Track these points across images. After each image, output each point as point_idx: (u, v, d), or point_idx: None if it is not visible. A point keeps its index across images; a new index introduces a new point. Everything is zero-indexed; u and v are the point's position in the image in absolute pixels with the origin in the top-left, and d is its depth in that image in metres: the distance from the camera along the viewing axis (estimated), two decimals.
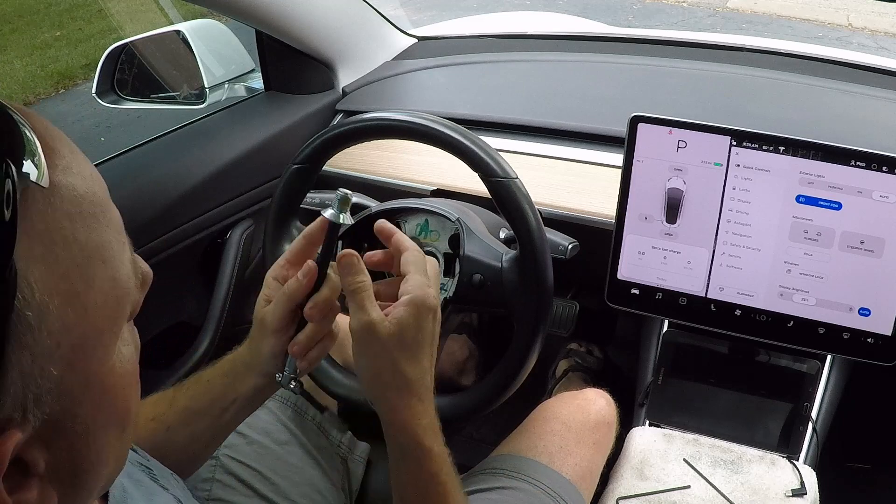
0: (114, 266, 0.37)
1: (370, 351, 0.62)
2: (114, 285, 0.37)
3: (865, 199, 0.92)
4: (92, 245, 0.36)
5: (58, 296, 0.34)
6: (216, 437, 0.73)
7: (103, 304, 0.36)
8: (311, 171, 0.90)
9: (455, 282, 0.89)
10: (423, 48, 1.53)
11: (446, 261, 0.94)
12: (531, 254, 0.82)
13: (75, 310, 0.35)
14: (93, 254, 0.36)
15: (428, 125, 0.84)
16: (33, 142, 0.35)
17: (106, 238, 0.37)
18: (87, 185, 0.37)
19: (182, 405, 0.71)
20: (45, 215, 0.34)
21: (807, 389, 1.05)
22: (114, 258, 0.37)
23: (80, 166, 0.37)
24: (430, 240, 0.94)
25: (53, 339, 0.33)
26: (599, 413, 0.98)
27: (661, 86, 1.32)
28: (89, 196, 0.37)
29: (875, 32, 4.94)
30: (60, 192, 0.35)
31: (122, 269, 0.38)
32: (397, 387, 0.63)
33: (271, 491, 0.88)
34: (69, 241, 0.35)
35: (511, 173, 0.82)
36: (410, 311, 0.63)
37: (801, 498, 0.95)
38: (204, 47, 1.34)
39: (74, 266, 0.35)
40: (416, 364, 0.63)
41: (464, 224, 0.89)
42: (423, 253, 0.68)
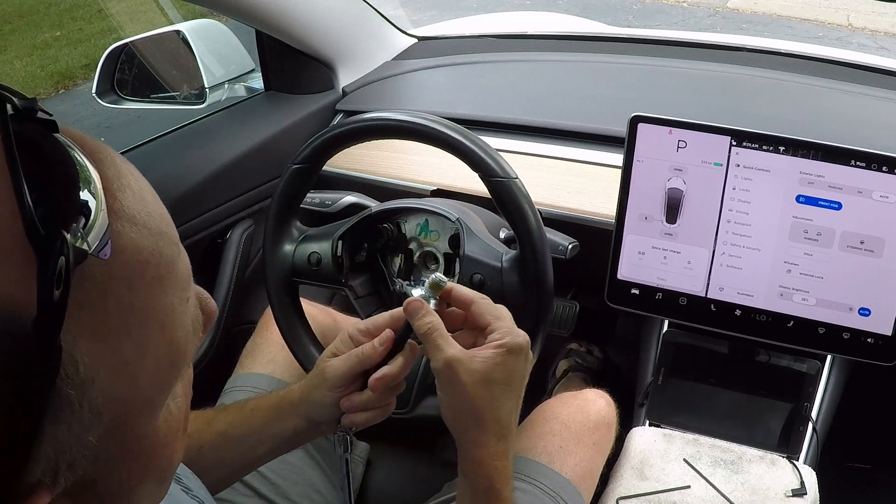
0: (172, 329, 0.33)
1: (454, 388, 0.62)
2: (170, 350, 0.33)
3: (865, 199, 0.92)
4: (151, 311, 0.32)
5: (105, 369, 0.30)
6: (244, 468, 0.73)
7: (156, 369, 0.33)
8: (312, 171, 0.90)
9: (455, 282, 0.89)
10: (423, 48, 1.53)
11: (446, 261, 0.94)
12: (531, 254, 0.82)
13: (123, 380, 0.31)
14: (151, 320, 0.32)
15: (428, 125, 0.83)
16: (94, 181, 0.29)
17: (168, 301, 0.33)
18: (153, 241, 0.32)
19: (219, 429, 0.71)
20: (101, 287, 0.29)
21: (807, 389, 1.05)
22: (174, 322, 0.33)
23: (146, 214, 0.32)
24: (430, 240, 0.94)
25: (95, 411, 0.30)
26: (599, 413, 0.98)
27: (661, 86, 1.32)
28: (155, 258, 0.32)
29: (875, 32, 4.94)
30: (122, 257, 0.30)
31: (180, 330, 0.34)
32: (479, 424, 0.62)
33: (271, 491, 0.88)
34: (126, 310, 0.31)
35: (511, 173, 0.82)
36: (500, 353, 0.62)
37: (801, 498, 0.95)
38: (204, 47, 1.34)
39: (129, 337, 0.31)
40: (500, 404, 0.62)
41: (464, 224, 0.89)
42: (489, 300, 0.67)
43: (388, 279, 0.96)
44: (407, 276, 0.95)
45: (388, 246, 0.96)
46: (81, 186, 0.28)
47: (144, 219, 0.32)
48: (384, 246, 0.96)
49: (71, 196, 0.27)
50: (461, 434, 0.64)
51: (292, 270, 0.91)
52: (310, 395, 0.69)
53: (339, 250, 0.90)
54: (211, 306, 0.40)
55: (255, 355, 1.02)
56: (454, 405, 0.63)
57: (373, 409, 0.68)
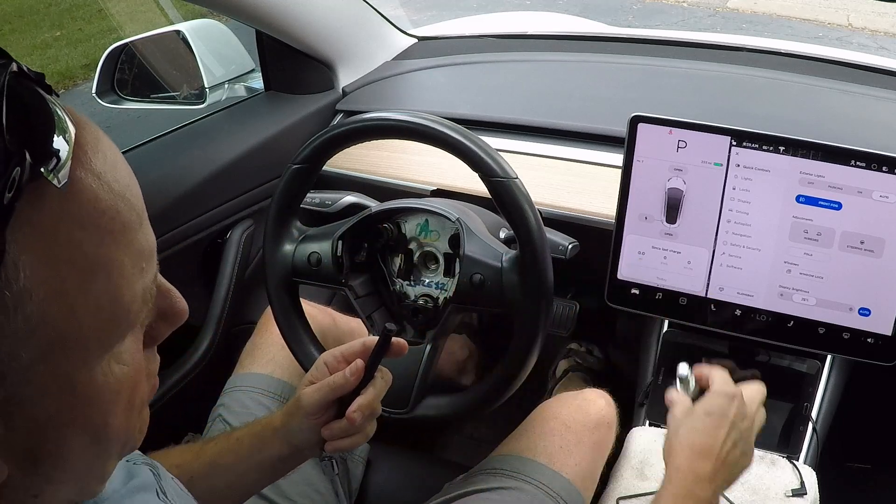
0: (118, 284, 0.37)
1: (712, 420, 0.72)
2: (113, 301, 0.37)
3: (865, 199, 0.92)
4: (99, 258, 0.36)
5: (45, 289, 0.34)
6: (237, 497, 0.74)
7: (95, 313, 0.36)
8: (311, 171, 0.90)
9: (455, 282, 0.89)
10: (423, 48, 1.53)
11: (446, 261, 0.94)
12: (531, 254, 0.82)
13: (61, 308, 0.35)
14: (97, 266, 0.36)
15: (428, 125, 0.83)
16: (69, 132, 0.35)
17: (117, 257, 0.37)
18: (113, 200, 0.37)
19: (208, 458, 0.72)
20: (54, 215, 0.34)
21: (807, 389, 1.05)
22: (121, 277, 0.37)
23: (112, 178, 0.37)
24: (430, 240, 0.94)
25: (29, 326, 0.34)
26: (599, 413, 0.98)
27: (661, 86, 1.32)
28: (111, 213, 0.36)
29: (875, 32, 4.94)
30: (79, 197, 0.35)
31: (128, 290, 0.38)
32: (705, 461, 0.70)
33: (270, 490, 0.88)
34: (73, 246, 0.35)
35: (511, 173, 0.82)
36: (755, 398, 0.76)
37: (801, 498, 0.95)
38: (204, 47, 1.34)
39: (73, 270, 0.35)
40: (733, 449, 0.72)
41: (464, 224, 0.88)
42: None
43: (387, 279, 0.96)
44: (407, 276, 0.95)
45: (387, 246, 0.96)
46: (57, 132, 0.34)
47: (109, 180, 0.37)
48: (384, 246, 0.95)
49: (41, 131, 0.34)
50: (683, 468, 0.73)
51: (292, 270, 0.90)
52: (290, 423, 0.72)
53: (339, 250, 0.90)
54: (177, 305, 0.44)
55: (254, 355, 1.02)
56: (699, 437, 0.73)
57: (353, 434, 0.71)
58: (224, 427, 0.93)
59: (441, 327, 0.88)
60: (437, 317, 0.90)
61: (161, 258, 0.83)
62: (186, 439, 1.27)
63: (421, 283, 0.95)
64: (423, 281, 0.94)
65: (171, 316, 0.44)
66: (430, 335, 0.89)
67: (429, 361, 0.87)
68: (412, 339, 0.91)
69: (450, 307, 0.88)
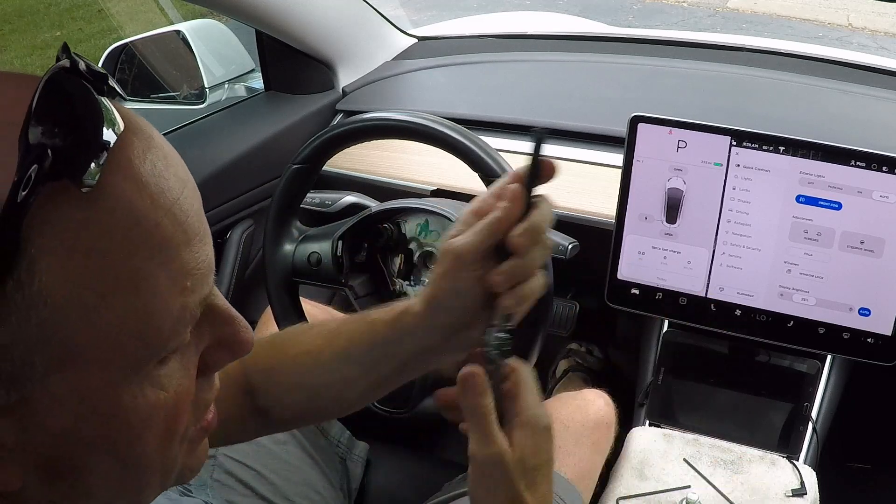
0: (149, 302, 0.35)
1: (491, 482, 0.53)
2: (140, 320, 0.35)
3: (865, 199, 0.92)
4: (128, 272, 0.34)
5: (62, 296, 0.32)
6: (373, 388, 0.62)
7: (119, 330, 0.34)
8: (311, 171, 0.91)
9: None
10: (423, 48, 1.53)
11: None
12: None
13: (78, 319, 0.33)
14: (124, 280, 0.34)
15: (428, 125, 0.84)
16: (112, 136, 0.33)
17: (152, 273, 0.34)
18: (153, 213, 0.34)
19: (341, 345, 0.61)
20: (78, 219, 0.32)
21: (807, 389, 1.05)
22: (154, 295, 0.35)
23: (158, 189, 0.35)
24: (430, 240, 0.95)
25: (43, 332, 0.32)
26: (598, 414, 0.98)
27: (661, 86, 1.32)
28: (148, 225, 0.34)
29: (875, 32, 4.95)
30: (110, 204, 0.33)
31: (162, 309, 0.35)
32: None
33: (269, 491, 0.88)
34: (99, 254, 0.33)
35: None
36: (528, 434, 0.53)
37: (801, 498, 0.95)
38: (204, 47, 1.34)
39: (95, 280, 0.33)
40: (535, 490, 0.53)
41: None
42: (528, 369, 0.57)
43: (388, 279, 0.96)
44: (407, 276, 0.96)
45: (387, 246, 0.96)
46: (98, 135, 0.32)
47: (153, 191, 0.34)
48: (384, 246, 0.96)
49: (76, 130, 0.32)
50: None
51: (292, 270, 0.91)
52: (436, 296, 0.55)
53: (339, 250, 0.90)
54: (242, 335, 0.40)
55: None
56: (491, 499, 0.53)
57: (525, 271, 0.53)
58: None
59: None
60: None
61: None
62: None
63: (421, 283, 0.95)
64: (423, 281, 0.95)
65: (233, 345, 0.41)
66: None
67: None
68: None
69: None
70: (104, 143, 0.33)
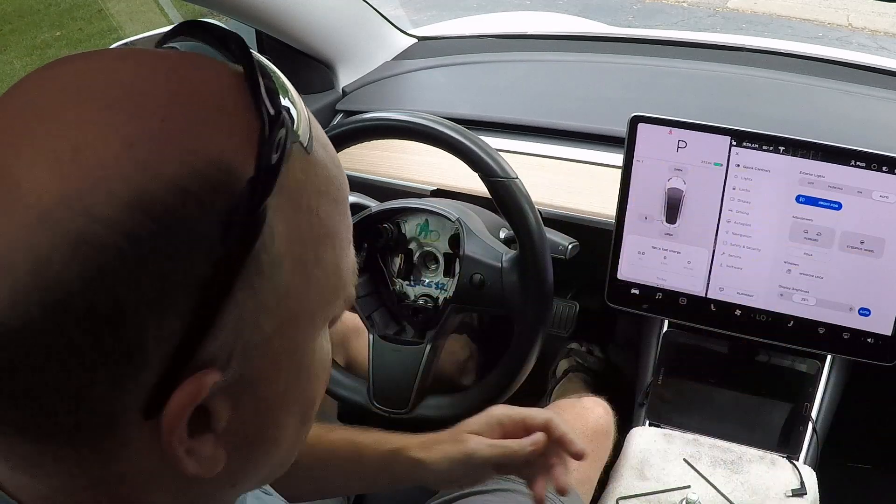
0: (340, 255, 0.37)
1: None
2: (336, 272, 0.37)
3: (865, 199, 0.92)
4: (329, 227, 0.36)
5: (290, 258, 0.33)
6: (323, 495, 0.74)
7: (324, 285, 0.36)
8: None
9: (455, 282, 0.89)
10: (423, 48, 1.53)
11: (446, 261, 0.94)
12: (531, 254, 0.82)
13: (300, 278, 0.34)
14: (327, 236, 0.36)
15: (428, 125, 0.84)
16: (297, 103, 0.36)
17: (341, 227, 0.37)
18: (338, 172, 0.37)
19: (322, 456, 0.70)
20: (300, 179, 0.34)
21: (807, 389, 1.05)
22: (342, 248, 0.38)
23: (332, 154, 0.38)
24: (430, 240, 0.94)
25: (276, 295, 0.33)
26: (598, 422, 0.98)
27: (661, 86, 1.32)
28: (337, 182, 0.37)
29: (875, 32, 4.95)
30: (316, 166, 0.35)
31: (345, 260, 0.38)
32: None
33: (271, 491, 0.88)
34: (313, 212, 0.35)
35: (511, 173, 0.82)
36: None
37: (801, 498, 0.95)
38: None
39: (311, 238, 0.35)
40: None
41: (464, 224, 0.89)
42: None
43: (387, 279, 0.96)
44: (407, 275, 0.95)
45: (387, 246, 0.96)
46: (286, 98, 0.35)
47: (331, 152, 0.38)
48: (384, 246, 0.96)
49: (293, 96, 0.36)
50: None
51: None
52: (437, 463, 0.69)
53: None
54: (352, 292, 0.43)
55: None
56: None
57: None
58: None
59: (441, 327, 0.88)
60: (437, 317, 0.90)
61: None
62: None
63: (421, 283, 0.95)
64: (423, 281, 0.95)
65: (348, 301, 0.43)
66: (429, 335, 0.89)
67: (429, 361, 0.87)
68: (412, 339, 0.91)
69: (450, 307, 0.88)
70: (297, 107, 0.35)
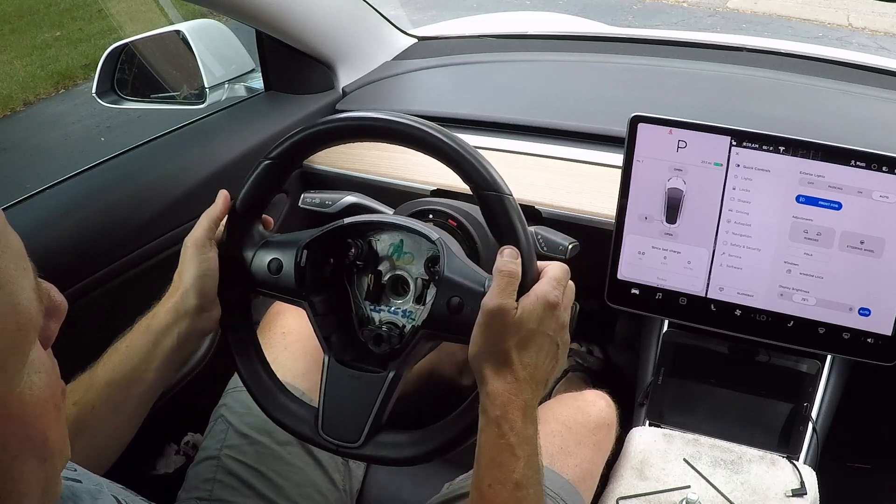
0: (11, 292, 0.36)
1: (489, 330, 0.67)
2: (13, 311, 0.36)
3: (865, 199, 0.92)
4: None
5: None
6: (142, 403, 0.74)
7: (2, 330, 0.35)
8: (285, 169, 0.82)
9: (428, 307, 0.79)
10: (423, 48, 1.53)
11: (418, 287, 0.83)
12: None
13: None
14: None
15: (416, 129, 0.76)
16: None
17: (1, 265, 0.36)
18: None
19: (103, 381, 0.72)
20: None
21: (807, 389, 1.05)
22: (11, 283, 0.36)
23: None
24: (402, 262, 0.84)
25: None
26: (600, 415, 0.98)
27: (662, 86, 1.32)
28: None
29: (875, 32, 4.95)
30: None
31: (22, 294, 0.37)
32: (497, 363, 0.67)
33: (272, 491, 0.88)
34: None
35: (505, 189, 0.74)
36: (535, 303, 0.68)
37: (801, 498, 0.95)
38: (204, 47, 1.34)
39: None
40: (523, 351, 0.68)
41: (444, 245, 0.78)
42: (565, 267, 0.74)
43: (351, 300, 0.85)
44: (373, 298, 0.84)
45: (355, 264, 0.85)
46: None
47: None
48: (352, 263, 0.84)
49: None
50: (479, 371, 0.68)
51: (249, 277, 0.81)
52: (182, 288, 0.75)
53: (303, 260, 0.80)
54: (57, 298, 0.42)
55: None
56: (483, 343, 0.68)
57: None
58: (226, 427, 0.93)
59: (406, 357, 0.77)
60: (402, 347, 0.79)
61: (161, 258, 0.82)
62: (186, 440, 1.27)
63: (387, 308, 0.84)
64: (390, 307, 0.84)
65: (55, 311, 0.42)
66: (392, 364, 0.78)
67: (388, 392, 0.76)
68: (371, 368, 0.78)
69: (420, 334, 0.77)
70: None
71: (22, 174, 3.66)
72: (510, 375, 0.67)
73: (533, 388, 0.68)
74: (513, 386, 0.67)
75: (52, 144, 4.09)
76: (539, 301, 0.69)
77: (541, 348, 0.69)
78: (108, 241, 1.01)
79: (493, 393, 0.67)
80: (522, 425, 0.67)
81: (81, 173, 1.07)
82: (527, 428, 0.67)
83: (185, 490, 0.89)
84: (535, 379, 0.69)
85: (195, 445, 1.26)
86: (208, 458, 0.90)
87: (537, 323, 0.68)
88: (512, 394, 0.67)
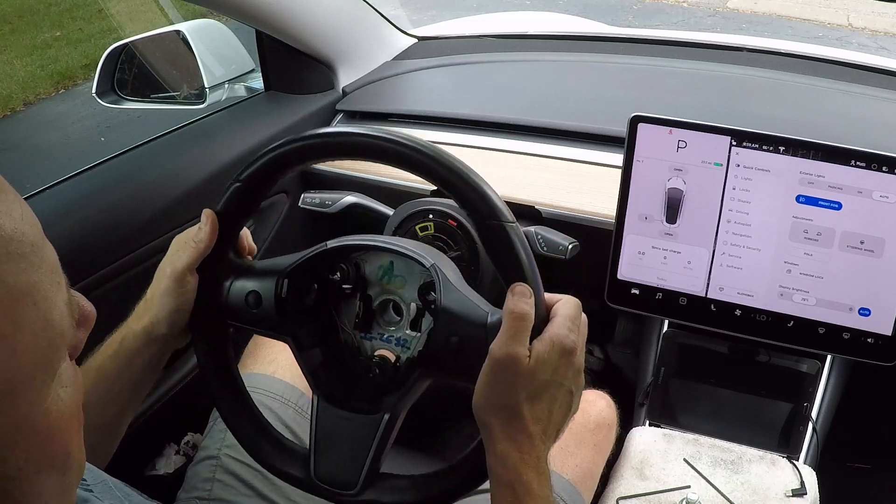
0: (46, 308, 0.36)
1: (498, 380, 0.60)
2: (46, 327, 0.36)
3: (865, 199, 0.92)
4: (21, 286, 0.35)
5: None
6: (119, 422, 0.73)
7: (34, 346, 0.35)
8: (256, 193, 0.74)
9: (423, 339, 0.73)
10: (423, 48, 1.53)
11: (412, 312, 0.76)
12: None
13: (2, 352, 0.33)
14: (22, 295, 0.35)
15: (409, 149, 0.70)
16: None
17: (37, 279, 0.36)
18: (16, 225, 0.35)
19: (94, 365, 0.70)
20: None
21: (807, 389, 1.05)
22: (46, 299, 0.36)
23: (7, 206, 0.36)
24: (394, 286, 0.76)
25: None
26: (600, 415, 0.98)
27: (662, 86, 1.32)
28: (18, 236, 0.35)
29: (875, 32, 4.95)
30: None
31: (55, 310, 0.37)
32: (506, 418, 0.60)
33: (272, 491, 0.88)
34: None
35: (509, 217, 0.66)
36: (549, 350, 0.60)
37: (801, 498, 0.95)
38: (204, 47, 1.34)
39: (2, 308, 0.33)
40: (536, 404, 0.60)
41: (439, 271, 0.70)
42: (577, 302, 0.65)
43: (339, 329, 0.78)
44: (363, 327, 0.77)
45: (341, 288, 0.76)
46: None
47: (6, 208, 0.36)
48: (338, 290, 0.77)
49: None
50: (486, 424, 0.61)
51: (225, 311, 0.74)
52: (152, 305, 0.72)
53: (284, 290, 0.73)
54: (87, 307, 0.42)
55: (256, 355, 1.02)
56: (492, 394, 0.61)
57: None
58: (225, 427, 0.93)
59: (402, 397, 0.70)
60: (396, 380, 0.72)
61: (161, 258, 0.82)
62: (186, 440, 1.27)
63: (379, 336, 0.77)
64: (382, 335, 0.77)
65: (83, 321, 0.41)
66: (388, 402, 0.71)
67: (385, 435, 0.70)
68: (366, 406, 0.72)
69: (417, 372, 0.70)
70: None
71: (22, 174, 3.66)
72: (521, 434, 0.60)
73: (545, 442, 0.62)
74: (524, 445, 0.60)
75: (52, 144, 4.10)
76: (555, 348, 0.61)
77: (554, 399, 0.61)
78: (109, 241, 1.01)
79: (502, 454, 0.60)
80: (539, 486, 0.60)
81: (81, 173, 1.07)
82: (543, 488, 0.61)
83: (185, 490, 0.89)
84: (548, 433, 0.62)
85: (195, 445, 1.26)
86: (208, 458, 0.90)
87: (551, 373, 0.60)
88: (524, 453, 0.60)
